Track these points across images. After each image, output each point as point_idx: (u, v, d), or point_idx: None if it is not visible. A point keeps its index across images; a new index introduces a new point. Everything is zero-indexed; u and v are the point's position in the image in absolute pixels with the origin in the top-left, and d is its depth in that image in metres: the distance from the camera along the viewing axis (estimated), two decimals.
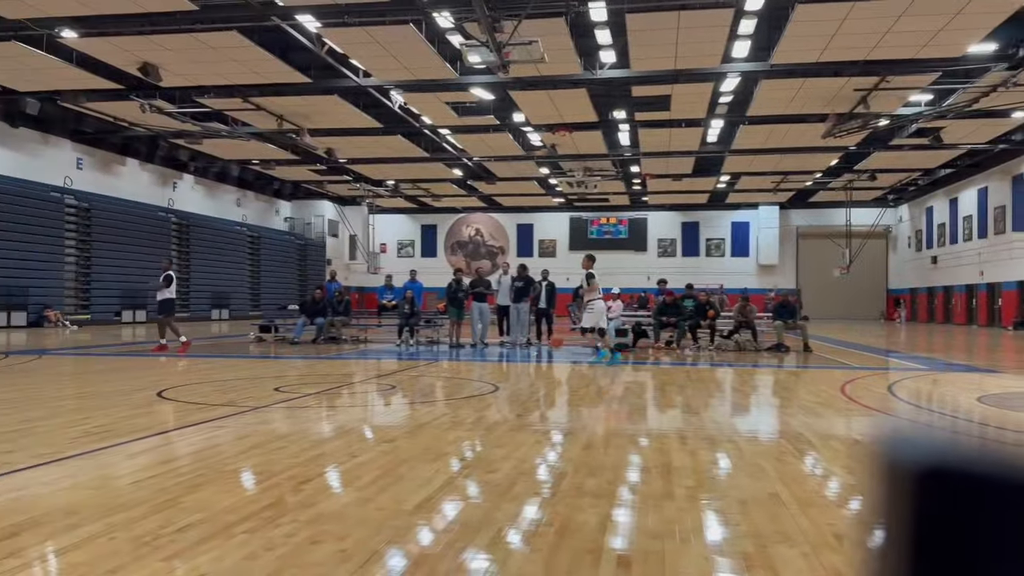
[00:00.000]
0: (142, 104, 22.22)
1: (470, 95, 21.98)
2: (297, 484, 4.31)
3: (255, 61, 19.15)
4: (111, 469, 4.84)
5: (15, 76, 20.89)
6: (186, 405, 7.54)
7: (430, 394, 9.41)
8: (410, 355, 14.69)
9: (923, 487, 0.45)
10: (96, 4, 15.58)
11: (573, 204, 43.41)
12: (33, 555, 3.11)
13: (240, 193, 37.99)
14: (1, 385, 9.49)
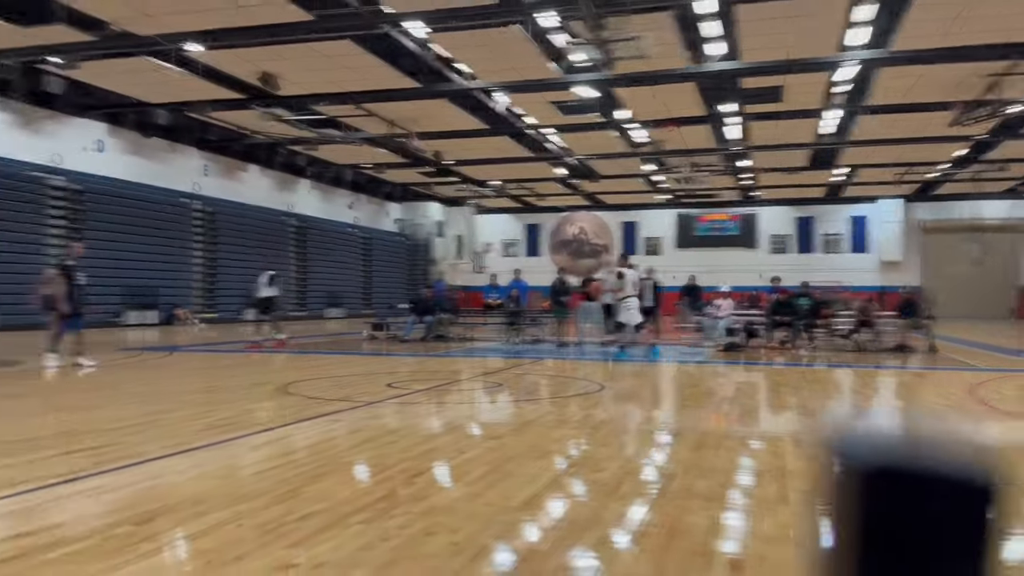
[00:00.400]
0: (263, 113, 23.35)
1: (574, 94, 21.93)
2: (409, 477, 4.42)
3: (367, 68, 19.77)
4: (236, 460, 5.11)
5: (147, 89, 22.35)
6: (305, 399, 7.86)
7: (535, 392, 9.46)
8: (515, 353, 14.80)
9: (871, 486, 0.46)
10: (220, 18, 16.45)
11: (679, 200, 42.61)
12: (166, 540, 3.32)
13: (353, 196, 39.31)
14: (136, 380, 10.17)
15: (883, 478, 0.46)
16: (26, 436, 5.73)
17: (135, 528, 3.39)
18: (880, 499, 0.46)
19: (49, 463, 4.75)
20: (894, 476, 0.46)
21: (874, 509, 0.46)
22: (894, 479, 0.46)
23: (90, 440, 5.51)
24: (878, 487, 0.46)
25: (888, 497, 0.46)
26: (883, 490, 0.46)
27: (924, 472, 0.46)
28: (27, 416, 6.97)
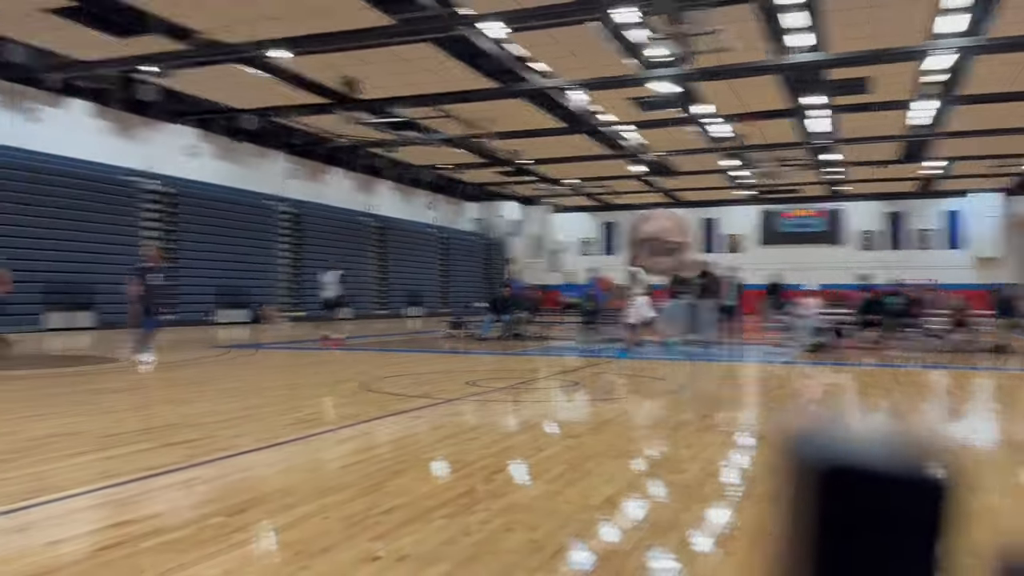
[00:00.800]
0: (345, 116, 23.94)
1: (652, 90, 21.67)
2: (489, 474, 4.46)
3: (445, 70, 20.02)
4: (322, 454, 5.25)
5: (235, 95, 23.20)
6: (386, 396, 8.02)
7: (613, 391, 9.40)
8: (592, 352, 14.73)
9: (826, 485, 0.47)
10: (304, 24, 16.93)
11: (762, 196, 41.59)
12: (257, 531, 3.45)
13: (431, 197, 39.87)
14: (227, 376, 10.56)
15: (837, 476, 0.47)
16: (125, 429, 6.03)
17: (228, 519, 3.53)
18: (834, 497, 0.47)
19: (147, 455, 4.99)
20: (847, 474, 0.47)
21: (828, 507, 0.47)
22: (848, 477, 0.47)
23: (185, 433, 5.76)
24: (832, 485, 0.47)
25: (842, 495, 0.47)
26: (837, 488, 0.47)
27: (877, 470, 0.47)
28: (126, 411, 7.33)
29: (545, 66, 20.09)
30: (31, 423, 6.19)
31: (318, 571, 2.84)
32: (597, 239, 47.05)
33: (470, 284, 40.04)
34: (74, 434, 5.71)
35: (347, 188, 33.60)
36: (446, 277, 39.20)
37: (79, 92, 21.95)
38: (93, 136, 22.56)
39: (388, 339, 19.25)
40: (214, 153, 26.78)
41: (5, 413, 6.84)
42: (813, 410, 7.45)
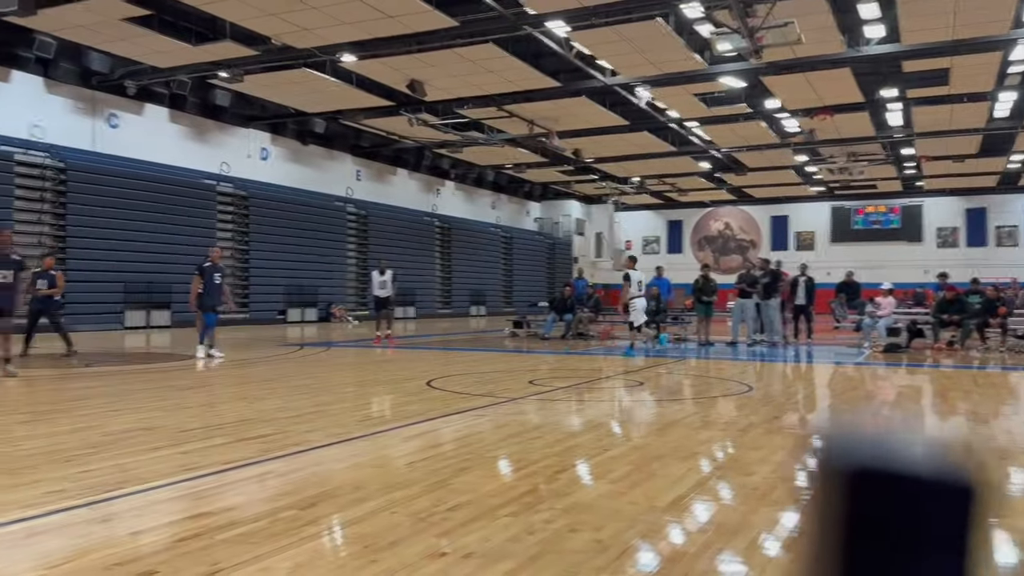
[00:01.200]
0: (410, 118, 24.28)
1: (720, 84, 21.33)
2: (553, 473, 4.46)
3: (508, 70, 20.09)
4: (389, 450, 5.34)
5: (305, 100, 23.74)
6: (451, 394, 8.10)
7: (678, 392, 9.29)
8: (657, 352, 14.58)
9: (855, 487, 0.47)
10: (371, 28, 17.21)
11: (834, 192, 40.47)
12: (327, 525, 3.53)
13: (495, 196, 40.06)
14: (299, 374, 10.82)
15: (865, 479, 0.47)
16: (201, 425, 6.24)
17: (300, 512, 3.62)
18: (862, 500, 0.47)
19: (223, 450, 5.16)
20: (877, 477, 0.46)
21: (858, 510, 0.47)
22: (875, 480, 0.46)
23: (259, 429, 5.93)
24: (860, 488, 0.47)
25: (871, 498, 0.46)
26: (865, 491, 0.46)
27: (907, 473, 0.46)
28: (202, 406, 7.58)
29: (608, 63, 19.97)
30: (112, 418, 6.46)
31: (386, 565, 2.89)
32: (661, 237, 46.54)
33: (533, 283, 40.10)
34: (152, 429, 5.93)
35: (412, 189, 34.04)
36: (509, 276, 39.33)
37: (156, 98, 22.80)
38: (170, 140, 23.39)
39: (452, 338, 19.43)
40: (285, 156, 27.47)
41: (89, 408, 7.15)
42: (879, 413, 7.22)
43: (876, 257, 37.76)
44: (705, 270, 17.45)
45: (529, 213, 43.87)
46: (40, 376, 10.10)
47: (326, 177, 29.01)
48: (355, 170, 30.74)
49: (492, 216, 39.66)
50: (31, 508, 3.66)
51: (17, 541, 3.25)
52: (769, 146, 28.74)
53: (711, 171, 34.58)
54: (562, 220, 44.33)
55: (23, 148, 19.47)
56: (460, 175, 36.36)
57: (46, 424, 6.28)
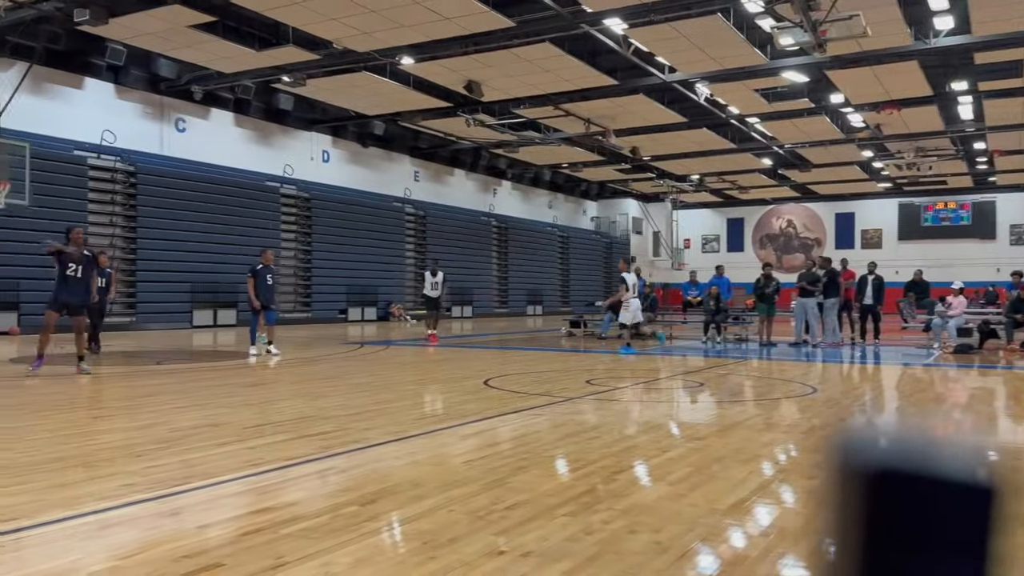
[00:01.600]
0: (467, 119, 24.45)
1: (781, 79, 20.91)
2: (610, 474, 4.44)
3: (565, 69, 20.05)
4: (447, 448, 5.38)
5: (365, 102, 24.10)
6: (508, 393, 8.12)
7: (740, 393, 9.13)
8: (717, 352, 14.37)
9: (874, 488, 0.46)
10: (429, 30, 17.38)
11: (902, 189, 39.26)
12: (387, 521, 3.57)
13: (551, 196, 40.02)
14: (358, 372, 10.99)
15: (886, 480, 0.46)
16: (265, 421, 6.39)
17: (360, 508, 3.67)
18: (882, 501, 0.46)
19: (285, 446, 5.27)
20: (897, 478, 0.46)
21: (877, 511, 0.46)
22: (897, 481, 0.46)
23: (320, 426, 6.04)
24: (882, 489, 0.46)
25: (890, 499, 0.46)
26: (886, 492, 0.46)
27: (928, 474, 0.46)
28: (265, 403, 7.76)
29: (666, 60, 19.76)
30: (180, 414, 6.66)
31: (445, 562, 2.91)
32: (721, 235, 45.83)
33: (590, 283, 39.93)
34: (218, 425, 6.10)
35: (469, 189, 34.24)
36: (566, 276, 39.25)
37: (221, 102, 23.42)
38: (235, 144, 24.01)
39: (508, 337, 19.48)
40: (345, 158, 27.94)
41: (158, 404, 7.39)
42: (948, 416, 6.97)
43: (946, 255, 36.52)
44: (767, 269, 17.12)
45: (586, 212, 43.70)
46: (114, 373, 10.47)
47: (385, 178, 29.40)
48: (413, 171, 31.09)
49: (549, 215, 39.63)
50: (105, 500, 3.79)
51: (92, 532, 3.38)
52: (834, 142, 28.07)
53: (773, 168, 33.92)
54: (619, 219, 44.03)
55: (95, 152, 20.23)
56: (517, 175, 36.44)
57: (120, 419, 6.51)
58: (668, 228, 44.91)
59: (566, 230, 39.92)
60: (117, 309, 20.23)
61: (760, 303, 16.34)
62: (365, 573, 2.81)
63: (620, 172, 36.15)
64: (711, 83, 21.43)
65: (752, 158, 31.78)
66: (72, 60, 19.52)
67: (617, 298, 14.44)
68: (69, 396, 8.21)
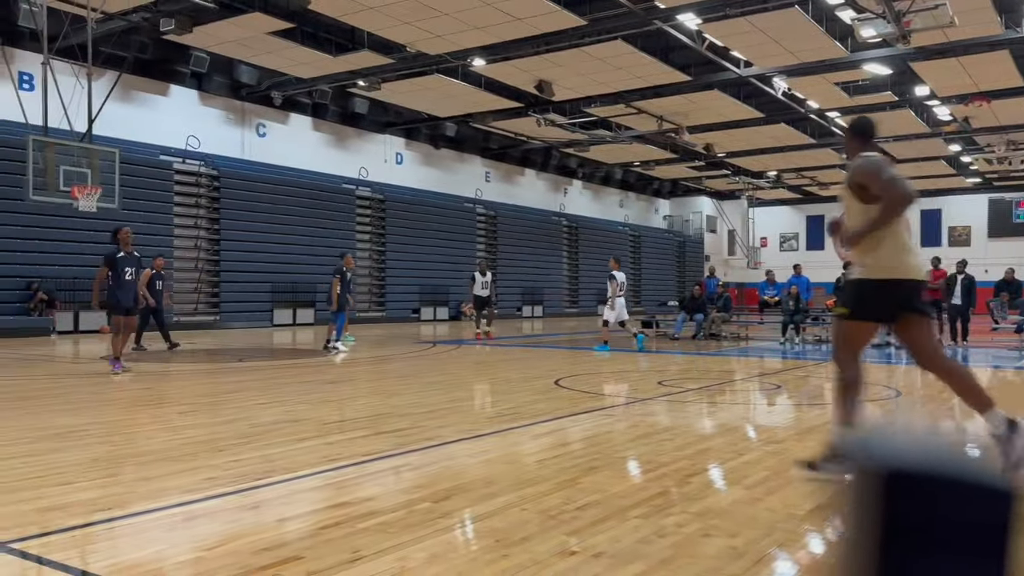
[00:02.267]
0: (538, 119, 24.47)
1: (862, 72, 20.26)
2: (684, 477, 4.38)
3: (637, 66, 19.87)
4: (519, 447, 5.40)
5: (437, 104, 24.39)
6: (579, 393, 8.10)
7: (819, 396, 8.87)
8: (795, 354, 14.00)
9: (889, 488, 0.47)
10: (500, 31, 17.48)
11: (992, 184, 37.52)
12: (460, 518, 3.61)
13: (623, 194, 39.71)
14: (431, 370, 11.13)
15: (905, 480, 0.47)
16: (342, 418, 6.54)
17: (434, 505, 3.72)
18: (901, 502, 0.48)
19: (361, 442, 5.38)
20: (916, 479, 0.47)
21: (895, 512, 0.44)
22: (916, 482, 0.46)
23: (395, 423, 6.14)
24: (899, 490, 0.45)
25: (909, 500, 0.46)
26: (905, 492, 0.45)
27: (945, 475, 0.43)
28: (342, 400, 7.93)
29: (742, 54, 19.38)
30: (261, 410, 6.87)
31: (517, 561, 2.93)
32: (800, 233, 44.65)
33: (662, 282, 39.46)
34: (298, 421, 6.27)
35: (540, 189, 34.28)
36: (637, 275, 38.88)
37: (300, 107, 24.06)
38: (312, 147, 24.63)
39: (579, 337, 19.42)
40: (418, 160, 28.35)
41: (240, 400, 7.64)
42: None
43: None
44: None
45: (658, 211, 43.20)
46: (198, 370, 10.88)
47: (456, 179, 29.69)
48: (484, 171, 31.30)
49: (620, 214, 39.34)
50: (189, 493, 3.95)
51: (176, 524, 3.52)
52: (919, 136, 27.04)
53: None
54: (692, 217, 43.37)
55: (181, 157, 21.06)
56: (588, 174, 36.29)
57: (203, 415, 6.76)
58: (744, 226, 44.01)
59: (638, 229, 39.55)
60: (202, 308, 21.02)
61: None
62: (439, 569, 2.85)
63: (694, 169, 35.62)
64: (789, 77, 20.92)
65: (833, 153, 30.88)
66: (158, 68, 20.37)
67: (611, 295, 14.60)
68: (157, 392, 8.58)
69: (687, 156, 31.37)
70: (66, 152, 14.46)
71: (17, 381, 9.54)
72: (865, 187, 4.37)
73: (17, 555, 2.99)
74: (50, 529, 3.32)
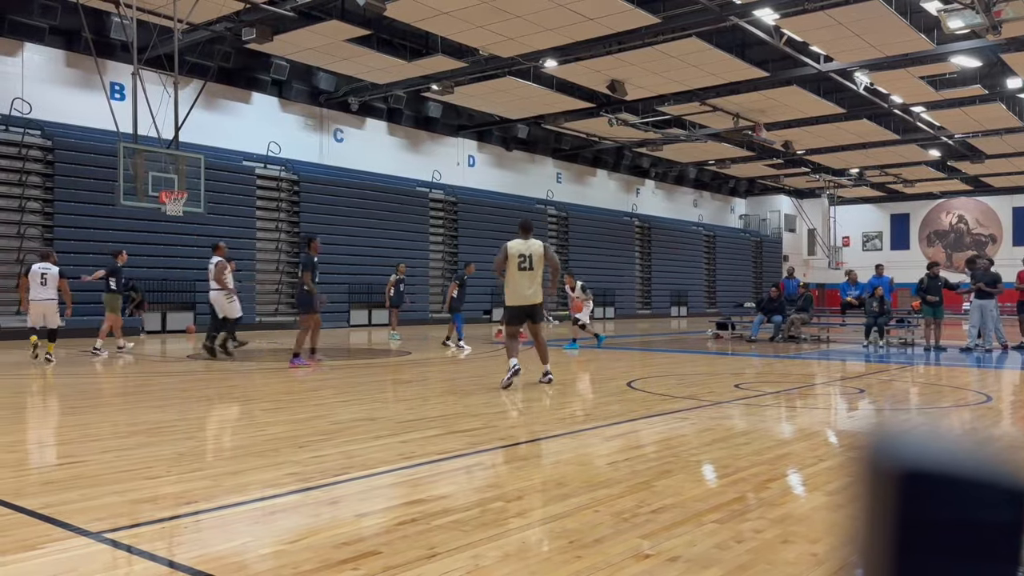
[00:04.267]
0: (610, 119, 24.32)
1: (950, 65, 19.43)
2: (762, 482, 4.28)
3: (712, 63, 19.54)
4: (591, 449, 5.38)
5: (509, 107, 24.51)
6: (652, 396, 8.01)
7: (904, 400, 8.56)
8: (879, 357, 13.53)
9: (905, 488, 0.46)
10: (572, 32, 17.44)
11: None
12: (533, 518, 3.61)
13: (696, 194, 39.09)
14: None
15: (917, 481, 0.45)
16: (417, 417, 6.63)
17: (507, 504, 3.74)
18: (913, 503, 0.45)
19: (436, 441, 5.45)
20: (930, 479, 0.45)
21: (907, 513, 0.45)
22: (930, 482, 0.45)
23: (467, 422, 6.20)
24: (911, 490, 0.45)
25: (921, 501, 0.45)
26: (917, 493, 0.45)
27: (960, 476, 0.45)
28: (416, 399, 8.05)
29: (821, 49, 18.85)
30: (340, 408, 7.04)
31: (591, 562, 2.92)
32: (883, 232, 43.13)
33: (738, 283, 38.69)
34: (375, 419, 6.39)
35: (611, 189, 34.07)
36: (712, 276, 38.22)
37: (375, 112, 24.53)
38: (387, 151, 25.08)
39: (651, 339, 19.20)
40: (490, 162, 28.53)
41: (321, 399, 7.84)
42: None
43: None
44: (934, 268, 15.93)
45: (734, 210, 42.38)
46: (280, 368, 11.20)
47: (528, 181, 29.77)
48: (555, 172, 31.28)
49: (694, 214, 38.74)
50: (272, 488, 4.07)
51: (259, 518, 3.63)
52: (1010, 130, 25.79)
53: (941, 159, 31.57)
54: (770, 216, 42.38)
55: (262, 162, 21.72)
56: (660, 173, 35.87)
57: (285, 412, 6.96)
58: (825, 225, 42.77)
59: (712, 229, 38.87)
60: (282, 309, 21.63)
61: (924, 305, 15.23)
62: (512, 568, 2.86)
63: (771, 167, 34.82)
64: (871, 71, 20.24)
65: (918, 149, 29.73)
66: (241, 76, 21.08)
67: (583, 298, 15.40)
68: (241, 390, 8.88)
69: (764, 154, 30.68)
70: (154, 158, 15.10)
71: (110, 379, 10.01)
72: None
73: (108, 544, 3.14)
74: (140, 521, 3.48)
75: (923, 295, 15.12)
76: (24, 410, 7.47)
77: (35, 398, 8.40)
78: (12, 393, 8.58)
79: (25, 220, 17.57)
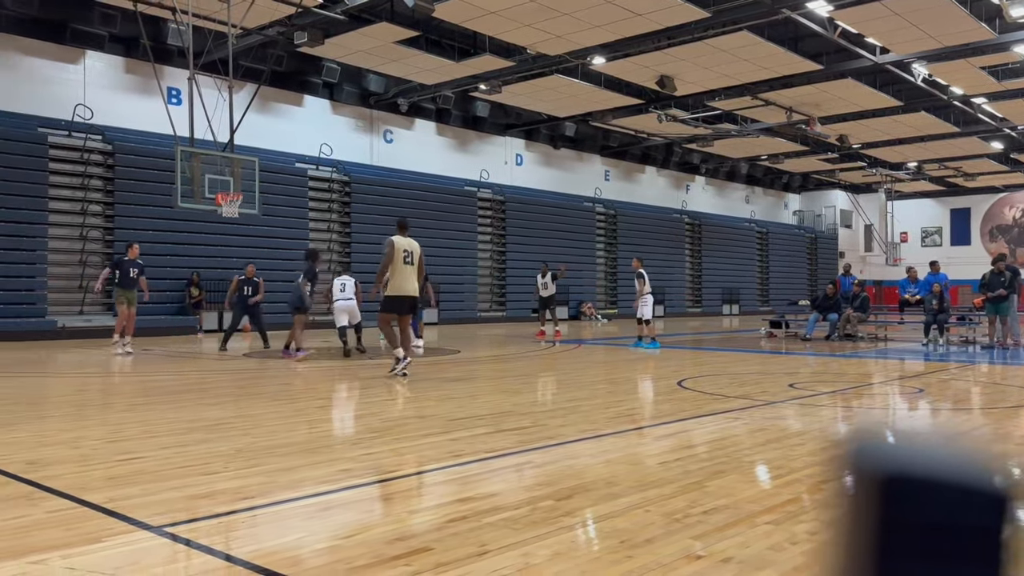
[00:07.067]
0: (659, 115, 24.09)
1: (1012, 55, 18.78)
2: (817, 483, 4.20)
3: (764, 57, 19.22)
4: (641, 448, 5.34)
5: (557, 105, 24.45)
6: (703, 395, 7.91)
7: (965, 400, 8.30)
8: (939, 356, 13.14)
9: (887, 492, 0.46)
10: (620, 28, 17.33)
11: None
12: (584, 516, 3.60)
13: (748, 190, 38.48)
14: (551, 369, 11.17)
15: (899, 484, 0.46)
16: (466, 415, 6.66)
17: (556, 503, 3.74)
18: (894, 506, 0.46)
19: (485, 439, 5.47)
20: (909, 483, 0.46)
21: (888, 517, 0.46)
22: (909, 486, 0.45)
23: (517, 421, 6.21)
24: (892, 494, 0.46)
25: (902, 504, 0.45)
26: (897, 497, 0.45)
27: (940, 479, 0.45)
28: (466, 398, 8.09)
29: (877, 40, 18.39)
30: (390, 406, 7.11)
31: (641, 562, 2.90)
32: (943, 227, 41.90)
33: (792, 281, 37.98)
34: (424, 417, 6.44)
35: (660, 186, 33.74)
36: (765, 273, 37.59)
37: (424, 113, 24.71)
38: (436, 152, 25.25)
39: (703, 337, 18.98)
40: (537, 160, 28.52)
41: (371, 396, 7.94)
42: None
43: None
44: (996, 264, 15.41)
45: (787, 206, 41.60)
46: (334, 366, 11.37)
47: (576, 179, 29.66)
48: (604, 170, 31.11)
49: (746, 210, 38.14)
50: (325, 484, 4.13)
51: (314, 513, 3.69)
52: None
53: (1004, 152, 30.55)
54: (825, 212, 41.50)
55: (315, 164, 22.06)
56: (711, 169, 35.41)
57: (338, 409, 7.07)
58: (882, 221, 41.73)
59: (765, 225, 38.23)
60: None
61: (987, 302, 14.75)
62: (563, 566, 2.86)
63: (826, 162, 34.11)
64: (930, 63, 19.67)
65: (979, 142, 28.81)
66: (293, 80, 21.44)
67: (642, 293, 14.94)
68: (295, 387, 9.03)
69: (819, 148, 30.07)
70: (210, 161, 15.45)
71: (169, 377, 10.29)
72: None
73: (168, 538, 3.23)
74: (198, 516, 3.57)
75: (984, 291, 14.66)
76: (85, 407, 7.73)
77: (95, 395, 8.68)
78: (74, 391, 8.88)
79: (87, 223, 18.17)
